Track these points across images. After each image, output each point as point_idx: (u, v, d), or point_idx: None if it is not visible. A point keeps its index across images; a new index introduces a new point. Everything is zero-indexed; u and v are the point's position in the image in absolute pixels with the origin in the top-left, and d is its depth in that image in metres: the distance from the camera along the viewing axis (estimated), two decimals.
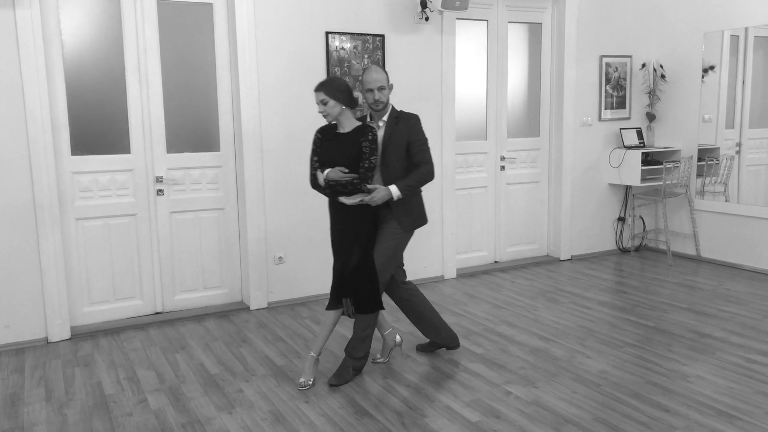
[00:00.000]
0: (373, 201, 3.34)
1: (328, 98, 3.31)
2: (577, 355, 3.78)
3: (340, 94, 3.32)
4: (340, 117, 3.37)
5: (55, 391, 3.39)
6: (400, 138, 3.48)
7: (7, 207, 3.95)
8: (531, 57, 5.96)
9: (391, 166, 3.46)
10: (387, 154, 3.45)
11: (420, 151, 3.53)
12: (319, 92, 3.33)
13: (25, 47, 3.89)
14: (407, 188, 3.46)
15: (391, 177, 3.44)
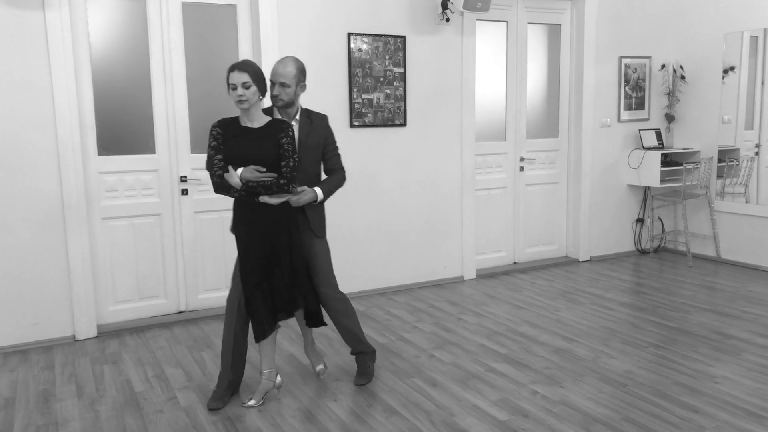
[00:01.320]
0: (298, 202, 3.09)
1: (252, 82, 2.93)
2: (602, 356, 3.78)
3: (261, 81, 2.98)
4: (252, 108, 2.99)
5: (85, 388, 3.43)
6: (317, 139, 3.27)
7: (36, 206, 4.00)
8: (550, 58, 5.97)
9: (309, 170, 3.23)
10: (303, 155, 3.18)
11: (335, 156, 3.37)
12: (242, 73, 2.91)
13: (54, 49, 3.95)
14: (329, 192, 3.28)
15: (306, 180, 3.20)
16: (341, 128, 4.88)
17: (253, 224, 3.05)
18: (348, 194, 4.96)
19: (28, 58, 3.90)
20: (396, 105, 5.07)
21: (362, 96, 4.93)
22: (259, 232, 3.05)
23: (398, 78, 5.05)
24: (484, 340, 4.06)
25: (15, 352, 3.98)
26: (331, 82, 4.80)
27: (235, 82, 2.93)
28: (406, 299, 4.99)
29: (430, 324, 4.40)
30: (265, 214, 3.04)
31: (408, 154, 5.18)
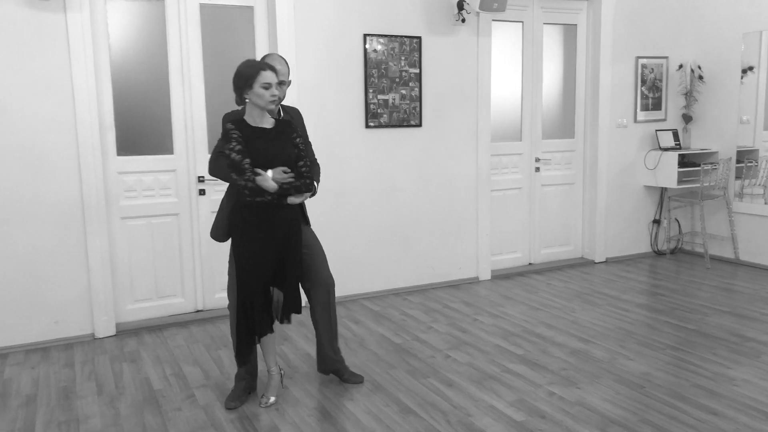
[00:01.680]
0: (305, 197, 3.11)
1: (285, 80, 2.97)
2: (618, 357, 3.76)
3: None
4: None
5: (105, 386, 3.47)
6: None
7: (57, 206, 4.05)
8: (566, 58, 5.95)
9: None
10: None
11: (310, 147, 3.36)
12: (274, 72, 2.92)
13: (75, 50, 4.00)
14: (318, 184, 3.30)
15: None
16: (356, 129, 4.90)
17: (270, 228, 2.99)
18: (363, 194, 4.98)
19: (49, 60, 3.95)
20: (411, 105, 5.08)
21: (378, 96, 4.94)
22: (276, 235, 3.01)
23: (414, 78, 5.06)
24: (500, 341, 4.06)
25: (36, 349, 4.03)
26: (346, 83, 4.82)
27: (271, 81, 2.89)
28: (420, 300, 5.00)
29: (445, 324, 4.40)
30: (284, 215, 3.04)
31: (423, 155, 5.19)
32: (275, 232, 3.01)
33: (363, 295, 5.05)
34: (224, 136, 2.94)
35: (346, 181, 4.91)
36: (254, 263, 3.00)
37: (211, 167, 3.12)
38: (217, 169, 3.06)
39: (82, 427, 3.00)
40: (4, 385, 3.50)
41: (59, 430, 2.98)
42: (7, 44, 3.84)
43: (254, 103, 2.94)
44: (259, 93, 2.90)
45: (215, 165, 3.07)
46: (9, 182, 3.92)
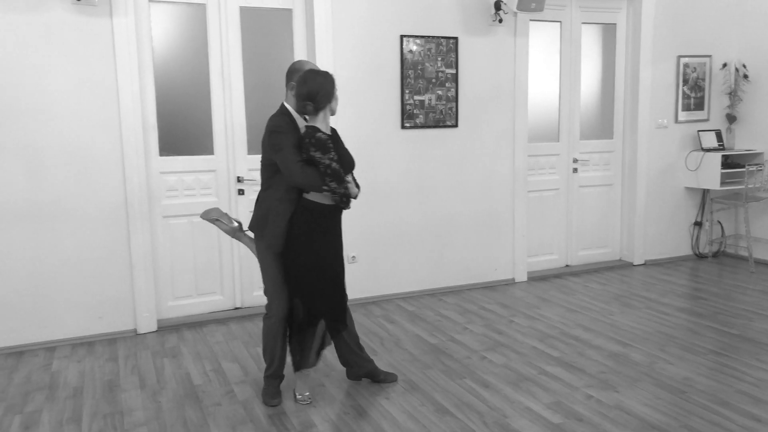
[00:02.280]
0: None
1: None
2: (658, 361, 3.70)
3: None
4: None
5: (147, 380, 3.56)
6: None
7: (102, 204, 4.18)
8: (605, 58, 5.87)
9: None
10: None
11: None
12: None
13: (120, 53, 4.11)
14: None
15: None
16: (392, 129, 4.92)
17: (335, 232, 3.14)
18: (398, 195, 5.00)
19: (96, 63, 4.07)
20: (447, 106, 5.08)
21: (414, 97, 4.95)
22: (338, 238, 3.17)
23: (450, 79, 5.06)
24: (536, 343, 4.03)
25: (82, 343, 4.16)
26: (382, 84, 4.85)
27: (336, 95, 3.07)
28: (456, 300, 4.99)
29: (480, 326, 4.39)
30: (338, 218, 3.16)
31: (459, 156, 5.18)
32: (338, 235, 3.17)
33: (398, 295, 5.07)
34: (322, 145, 2.95)
35: (381, 181, 4.93)
36: (324, 266, 3.10)
37: (300, 178, 2.98)
38: (309, 178, 2.98)
39: (126, 420, 3.09)
40: (52, 377, 3.62)
41: (104, 421, 3.08)
42: (56, 48, 3.97)
43: (331, 112, 3.06)
44: (337, 98, 3.07)
45: (306, 174, 2.97)
46: (57, 181, 4.05)
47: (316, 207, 3.05)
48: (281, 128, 3.05)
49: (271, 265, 3.17)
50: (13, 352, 4.01)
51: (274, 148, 3.03)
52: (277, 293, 3.17)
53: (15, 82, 3.90)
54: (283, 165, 3.00)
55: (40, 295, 4.07)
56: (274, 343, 3.23)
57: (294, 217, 3.07)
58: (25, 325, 4.05)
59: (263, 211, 3.15)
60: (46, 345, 4.10)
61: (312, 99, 2.99)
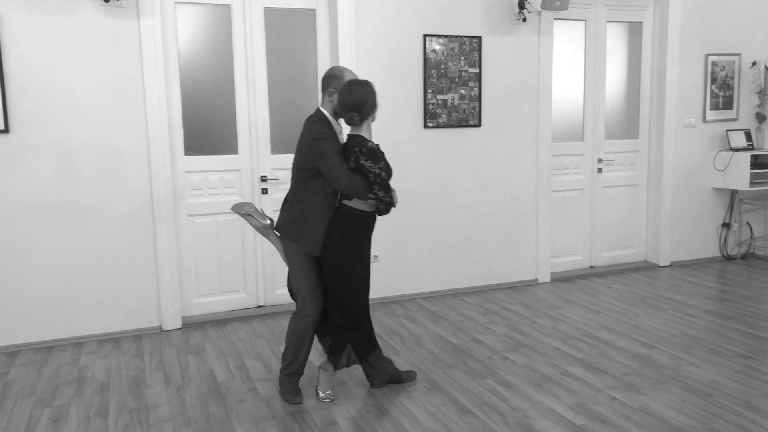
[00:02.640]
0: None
1: None
2: (684, 364, 3.65)
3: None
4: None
5: (172, 376, 3.61)
6: None
7: (128, 203, 4.25)
8: (630, 56, 5.80)
9: None
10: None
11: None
12: None
13: (147, 54, 4.18)
14: None
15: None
16: (415, 129, 4.92)
17: (367, 237, 3.19)
18: (421, 194, 5.00)
19: (123, 64, 4.14)
20: (471, 105, 5.07)
21: (437, 97, 4.95)
22: (369, 244, 3.22)
23: (473, 78, 5.05)
24: (559, 344, 4.00)
25: (108, 339, 4.23)
26: (405, 84, 4.85)
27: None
28: (478, 301, 4.98)
29: (503, 326, 4.37)
30: (373, 225, 3.21)
31: (482, 155, 5.16)
32: (370, 241, 3.22)
33: (420, 295, 5.07)
34: (373, 155, 3.01)
35: (404, 181, 4.93)
36: (367, 272, 3.17)
37: (349, 186, 3.00)
38: (357, 186, 3.01)
39: (151, 415, 3.14)
40: (80, 372, 3.69)
41: (130, 416, 3.13)
42: (84, 49, 4.04)
43: (372, 119, 3.12)
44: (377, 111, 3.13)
45: (354, 182, 3.00)
46: (85, 180, 4.13)
47: (357, 213, 3.10)
48: (325, 135, 3.07)
49: (305, 267, 3.17)
50: (43, 347, 4.10)
51: (319, 154, 3.03)
52: (313, 295, 3.19)
53: (46, 82, 3.98)
54: (330, 172, 3.02)
55: (69, 291, 4.15)
56: (301, 342, 3.24)
57: (333, 221, 3.11)
58: (54, 321, 4.14)
59: (296, 215, 3.14)
60: (75, 341, 4.18)
61: (359, 110, 3.03)
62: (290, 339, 3.25)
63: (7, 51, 3.88)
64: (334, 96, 3.12)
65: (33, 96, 3.96)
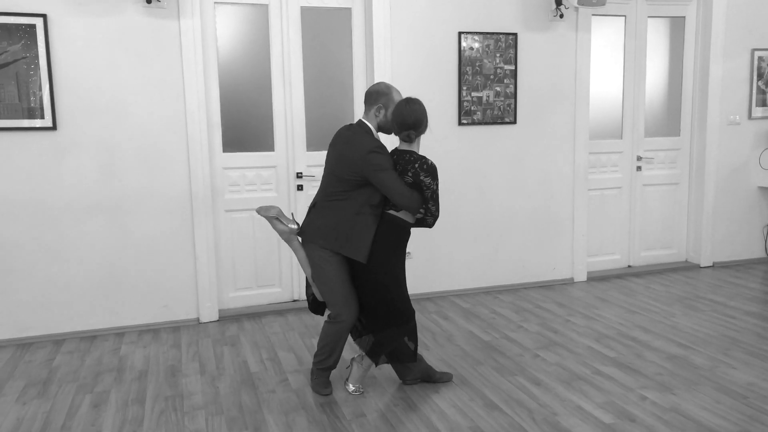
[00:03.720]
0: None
1: None
2: (720, 365, 3.57)
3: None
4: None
5: (207, 366, 3.72)
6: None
7: (169, 198, 4.38)
8: (672, 52, 5.68)
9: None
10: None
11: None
12: None
13: (186, 54, 4.30)
14: None
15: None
16: (449, 126, 4.93)
17: (406, 247, 3.28)
18: (454, 192, 5.01)
19: (164, 63, 4.27)
20: (506, 103, 5.04)
21: (471, 94, 4.95)
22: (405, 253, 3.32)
23: (509, 75, 5.02)
24: (592, 343, 3.96)
25: (148, 330, 4.37)
26: (440, 81, 4.87)
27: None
28: (511, 299, 4.96)
29: (535, 324, 4.35)
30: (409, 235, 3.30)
31: (517, 153, 5.13)
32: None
33: (453, 292, 5.08)
34: (432, 172, 3.12)
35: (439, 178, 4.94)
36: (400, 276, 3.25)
37: (408, 200, 3.08)
38: (415, 201, 3.11)
39: (186, 402, 3.24)
40: (120, 360, 3.83)
41: (166, 403, 3.24)
42: (127, 49, 4.19)
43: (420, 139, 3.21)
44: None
45: (413, 198, 3.09)
46: (129, 176, 4.27)
47: (402, 223, 3.20)
48: (381, 149, 3.13)
49: (336, 274, 3.19)
50: (87, 336, 4.26)
51: (375, 167, 3.07)
52: (348, 302, 3.21)
53: (91, 81, 4.14)
54: (387, 185, 3.06)
55: (112, 284, 4.31)
56: (336, 343, 3.28)
57: (381, 231, 3.17)
58: (97, 311, 4.30)
59: (334, 223, 3.16)
60: (116, 331, 4.33)
61: (417, 128, 3.14)
62: (325, 339, 3.29)
63: (56, 52, 4.05)
64: (381, 111, 3.19)
65: (79, 95, 4.12)
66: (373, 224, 3.16)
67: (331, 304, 3.24)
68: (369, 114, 3.23)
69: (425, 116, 3.15)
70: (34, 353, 3.97)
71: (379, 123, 3.22)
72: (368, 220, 3.15)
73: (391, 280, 3.19)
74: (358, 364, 3.33)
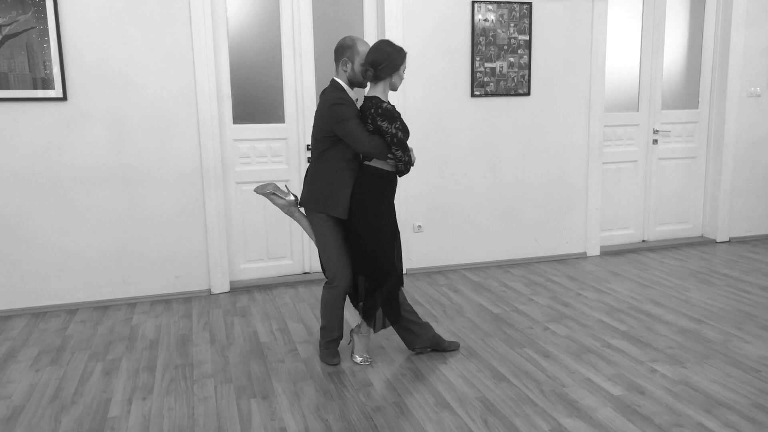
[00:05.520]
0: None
1: None
2: (733, 339, 3.53)
3: None
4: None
5: (217, 336, 3.75)
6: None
7: (179, 170, 4.38)
8: (692, 21, 5.53)
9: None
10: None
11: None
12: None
13: (196, 25, 4.26)
14: None
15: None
16: (462, 98, 4.86)
17: (390, 196, 3.20)
18: (466, 164, 4.96)
19: (174, 35, 4.24)
20: (520, 74, 4.96)
21: (485, 65, 4.87)
22: (392, 203, 3.22)
23: (523, 46, 4.93)
24: (603, 316, 3.93)
25: (160, 301, 4.42)
26: (452, 51, 4.79)
27: (406, 65, 3.16)
28: (523, 272, 4.93)
29: (546, 298, 4.32)
30: (395, 184, 3.21)
31: (531, 125, 5.06)
32: (393, 198, 3.22)
33: (464, 266, 5.06)
34: (389, 115, 3.02)
35: (450, 150, 4.90)
36: (393, 229, 3.20)
37: (369, 146, 3.03)
38: (378, 146, 3.05)
39: (195, 371, 3.27)
40: (132, 329, 3.88)
41: (176, 371, 3.27)
42: (139, 20, 4.16)
43: (392, 84, 3.11)
44: (401, 75, 3.12)
45: (373, 144, 3.03)
46: (139, 148, 4.28)
47: (380, 172, 3.13)
48: (341, 100, 3.09)
49: (332, 237, 3.21)
50: (100, 306, 4.31)
51: (336, 119, 3.06)
52: (342, 264, 3.22)
53: (100, 52, 4.13)
54: (349, 135, 3.05)
55: (124, 254, 4.35)
56: (336, 310, 3.30)
57: (357, 183, 3.14)
58: (110, 282, 4.34)
59: (319, 185, 3.18)
60: (129, 301, 4.38)
61: (375, 66, 3.04)
62: (325, 308, 3.30)
63: (66, 22, 4.03)
64: (347, 65, 3.14)
65: (89, 65, 4.12)
66: (349, 179, 3.15)
67: (327, 268, 3.26)
68: (339, 70, 3.19)
69: (389, 59, 3.03)
70: (48, 322, 4.03)
71: (348, 77, 3.15)
72: (345, 175, 3.15)
73: (370, 232, 3.13)
74: (357, 335, 3.34)
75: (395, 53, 3.06)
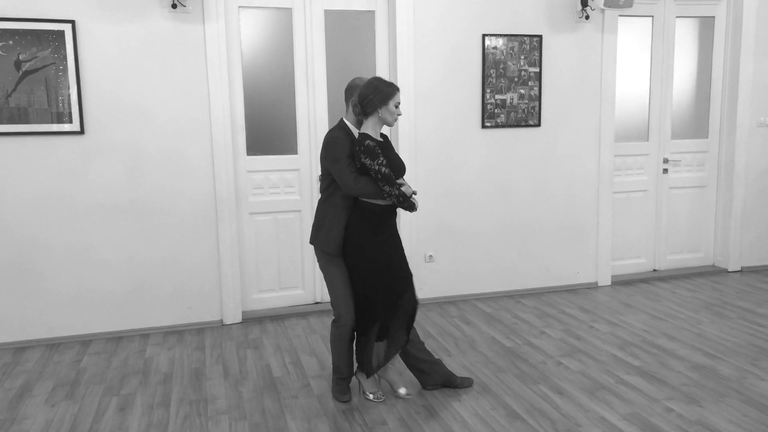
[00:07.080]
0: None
1: None
2: (749, 376, 3.51)
3: None
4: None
5: (231, 369, 3.76)
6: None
7: (193, 201, 4.42)
8: (701, 53, 5.57)
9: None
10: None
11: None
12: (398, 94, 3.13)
13: (211, 58, 4.33)
14: None
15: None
16: (472, 129, 4.90)
17: (392, 230, 3.20)
18: (478, 195, 4.98)
19: (189, 67, 4.31)
20: (530, 105, 5.00)
21: (495, 96, 4.91)
22: (395, 235, 3.22)
23: (533, 78, 4.98)
24: (616, 351, 3.92)
25: (173, 332, 4.43)
26: (463, 83, 4.84)
27: (399, 101, 3.14)
28: (535, 303, 4.92)
29: (559, 330, 4.32)
30: (391, 219, 3.21)
31: (541, 155, 5.09)
32: (394, 233, 3.23)
33: (475, 296, 5.06)
34: (370, 152, 3.03)
35: (461, 180, 4.93)
36: (390, 263, 3.18)
37: (354, 188, 3.06)
38: (363, 187, 3.07)
39: (209, 407, 3.28)
40: (146, 362, 3.89)
41: (190, 407, 3.28)
42: (153, 54, 4.23)
43: (383, 119, 3.12)
44: (391, 110, 3.11)
45: (359, 185, 3.06)
46: (154, 179, 4.33)
47: (373, 208, 3.13)
48: (337, 139, 3.15)
49: (335, 273, 3.24)
50: (113, 337, 4.34)
51: (329, 158, 3.13)
52: (346, 301, 3.24)
53: (118, 86, 4.19)
54: (337, 176, 3.11)
55: (137, 285, 4.37)
56: (343, 350, 3.31)
57: (351, 220, 3.17)
58: (123, 312, 4.37)
59: (318, 221, 3.25)
60: (142, 332, 4.40)
61: (361, 101, 3.09)
62: (333, 346, 3.32)
63: (83, 57, 4.10)
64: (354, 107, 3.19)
65: (106, 99, 4.18)
66: (343, 215, 3.18)
67: (334, 306, 3.29)
68: (348, 111, 3.26)
69: (376, 93, 3.04)
70: (63, 353, 4.05)
71: (356, 117, 3.21)
72: (339, 212, 3.19)
73: (361, 267, 3.13)
74: (360, 374, 3.34)
75: (383, 86, 3.08)
